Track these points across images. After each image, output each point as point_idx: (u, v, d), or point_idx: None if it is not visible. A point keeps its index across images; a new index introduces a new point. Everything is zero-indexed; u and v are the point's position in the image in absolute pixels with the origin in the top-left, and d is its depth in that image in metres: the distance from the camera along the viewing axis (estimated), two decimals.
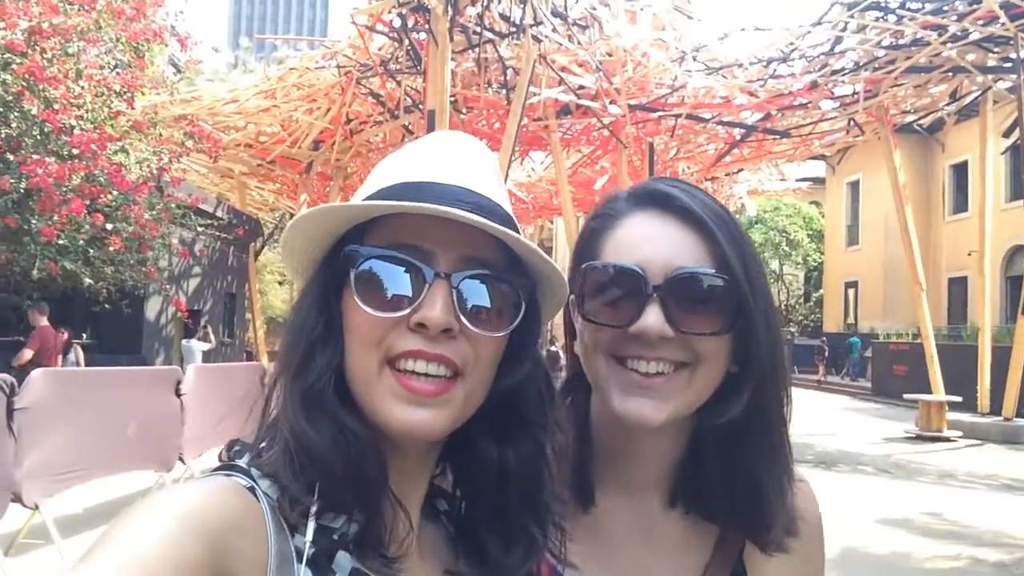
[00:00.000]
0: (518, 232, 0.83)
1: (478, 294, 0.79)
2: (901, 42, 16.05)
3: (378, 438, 0.77)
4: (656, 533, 1.03)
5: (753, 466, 0.96)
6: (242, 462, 0.78)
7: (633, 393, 0.92)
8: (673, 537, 1.02)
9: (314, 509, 0.73)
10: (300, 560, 0.71)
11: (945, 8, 14.92)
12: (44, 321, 10.01)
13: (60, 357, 10.29)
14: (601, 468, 1.03)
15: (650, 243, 0.93)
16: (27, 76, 10.28)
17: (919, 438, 15.62)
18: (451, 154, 0.84)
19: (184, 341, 16.12)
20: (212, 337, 17.00)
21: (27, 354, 9.65)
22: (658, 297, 0.90)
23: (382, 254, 0.78)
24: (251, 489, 0.73)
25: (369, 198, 0.81)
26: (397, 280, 0.77)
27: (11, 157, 10.13)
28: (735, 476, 0.96)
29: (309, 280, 0.84)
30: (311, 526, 0.73)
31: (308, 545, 0.72)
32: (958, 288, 27.89)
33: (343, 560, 0.74)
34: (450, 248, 0.78)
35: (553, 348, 26.64)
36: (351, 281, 0.78)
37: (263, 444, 0.80)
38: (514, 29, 16.35)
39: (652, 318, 0.90)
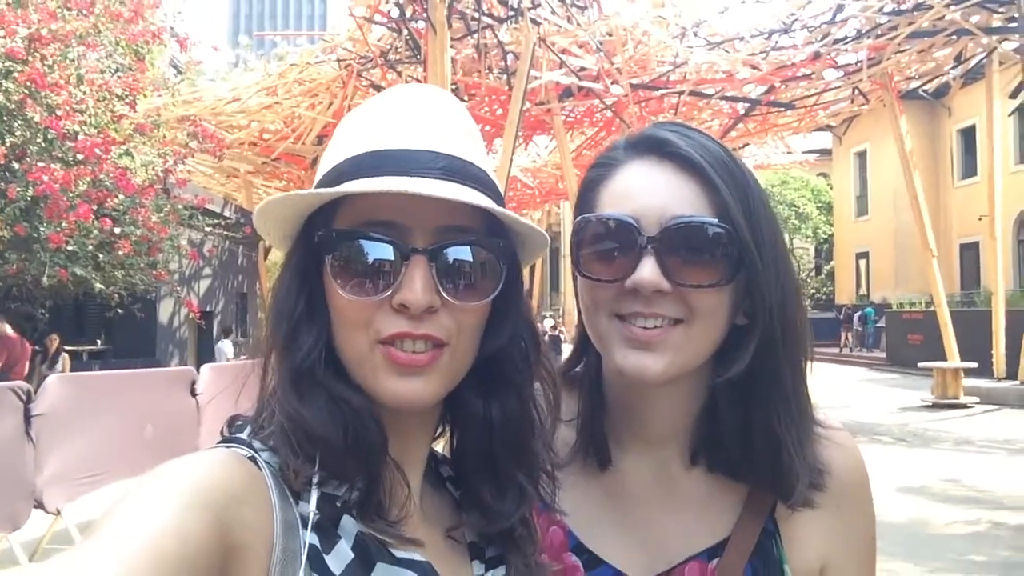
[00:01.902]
0: (495, 186, 0.83)
1: (458, 266, 0.78)
2: (903, 7, 15.88)
3: (374, 405, 0.78)
4: (679, 492, 1.01)
5: (767, 419, 0.93)
6: (243, 435, 0.79)
7: (633, 347, 0.90)
8: (698, 496, 1.01)
9: (316, 479, 0.74)
10: (305, 526, 0.72)
11: None
12: (8, 330, 9.72)
13: (28, 364, 9.94)
14: (617, 426, 1.01)
15: (645, 192, 0.90)
16: (29, 83, 10.31)
17: (935, 406, 15.57)
18: (417, 112, 0.82)
19: (218, 344, 16.21)
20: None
21: None
22: (652, 248, 0.88)
23: (355, 235, 0.77)
24: (252, 459, 0.73)
25: (335, 168, 0.80)
26: (373, 262, 0.76)
27: (16, 165, 10.16)
28: (750, 430, 0.94)
29: (287, 257, 0.84)
30: (315, 494, 0.74)
31: (313, 513, 0.73)
32: (970, 254, 27.69)
33: (348, 524, 0.75)
34: (425, 220, 0.77)
35: (554, 331, 26.59)
36: (327, 267, 0.78)
37: (263, 416, 0.80)
38: (512, 13, 16.26)
39: (647, 271, 0.87)
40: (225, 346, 16.02)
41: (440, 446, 0.94)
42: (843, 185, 35.80)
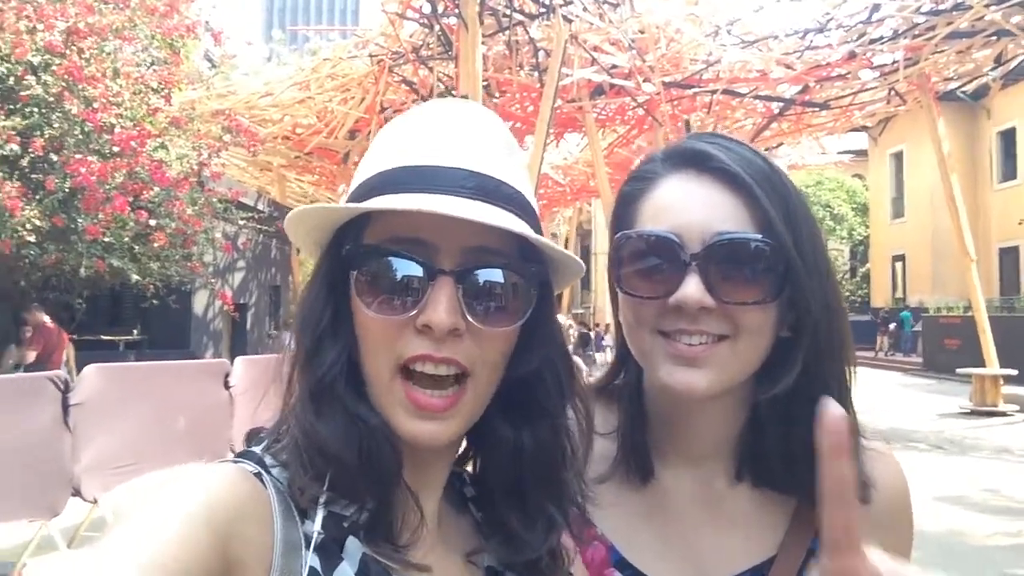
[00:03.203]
0: (531, 207, 0.80)
1: (486, 289, 0.76)
2: (941, 7, 15.60)
3: (391, 428, 0.76)
4: (723, 509, 0.99)
5: (813, 433, 0.91)
6: (257, 449, 0.78)
7: (679, 364, 0.88)
8: (743, 513, 0.99)
9: (323, 499, 0.73)
10: (308, 546, 0.71)
11: None
12: (46, 319, 9.93)
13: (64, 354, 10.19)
14: (659, 441, 1.00)
15: (686, 207, 0.89)
16: (67, 76, 10.46)
17: (974, 413, 15.30)
18: (453, 128, 0.80)
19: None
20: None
21: (30, 355, 9.59)
22: (696, 266, 0.86)
23: (382, 252, 0.75)
24: (258, 476, 0.72)
25: (367, 182, 0.78)
26: (399, 280, 0.74)
27: (55, 157, 10.31)
28: (795, 445, 0.92)
29: (317, 267, 0.82)
30: (320, 513, 0.73)
31: (317, 533, 0.72)
32: (1009, 258, 27.20)
33: (352, 546, 0.74)
34: (454, 239, 0.75)
35: (584, 329, 26.51)
36: (352, 283, 0.76)
37: (281, 429, 0.79)
38: (544, 9, 16.22)
39: (691, 288, 0.86)
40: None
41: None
42: (879, 187, 35.32)
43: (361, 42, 18.89)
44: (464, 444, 0.88)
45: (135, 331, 16.07)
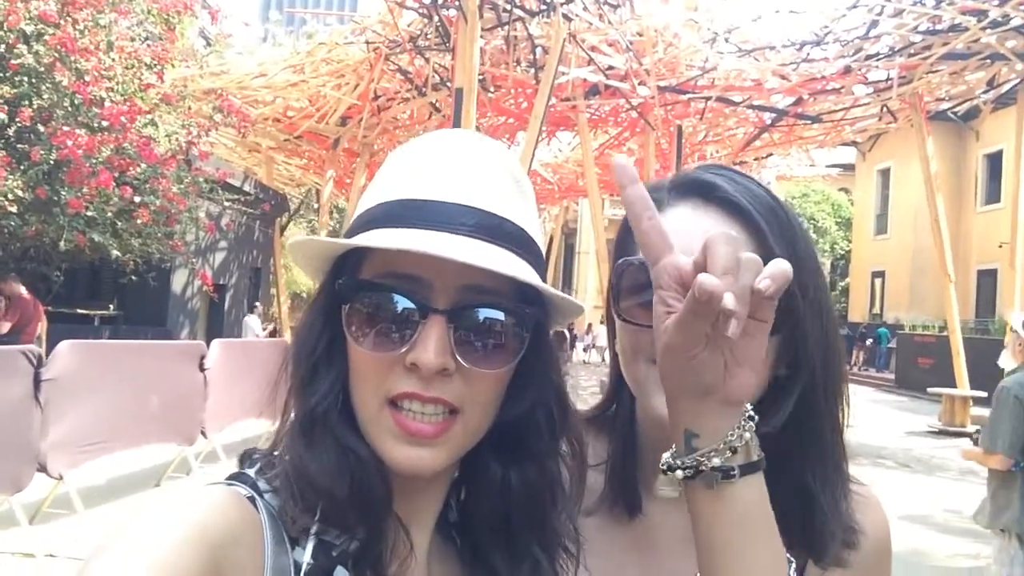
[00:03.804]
0: (533, 244, 0.80)
1: (478, 330, 0.75)
2: (938, 27, 15.71)
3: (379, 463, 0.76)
4: None
5: (803, 476, 0.91)
6: (250, 472, 0.77)
7: None
8: None
9: (314, 529, 0.73)
10: (297, 574, 0.71)
11: None
12: (22, 290, 9.79)
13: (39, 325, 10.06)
14: (648, 475, 0.98)
15: (689, 237, 0.85)
16: (59, 47, 10.34)
17: (942, 433, 15.42)
18: (455, 161, 0.78)
19: (245, 318, 16.25)
20: (264, 329, 17.00)
21: (4, 326, 9.45)
22: None
23: (376, 287, 0.75)
24: (251, 499, 0.72)
25: (367, 212, 0.78)
26: (390, 316, 0.74)
27: (42, 128, 10.21)
28: (784, 487, 0.89)
29: (316, 293, 0.82)
30: (311, 543, 0.73)
31: (307, 563, 0.71)
32: (987, 280, 27.46)
33: None
34: (450, 277, 0.74)
35: (561, 328, 26.83)
36: (343, 316, 0.76)
37: (275, 454, 0.79)
38: (544, 7, 16.20)
39: None
40: (252, 321, 16.01)
41: None
42: (864, 202, 35.56)
43: (358, 28, 18.79)
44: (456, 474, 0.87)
45: (111, 306, 15.95)
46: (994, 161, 27.71)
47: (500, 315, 0.76)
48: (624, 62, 17.73)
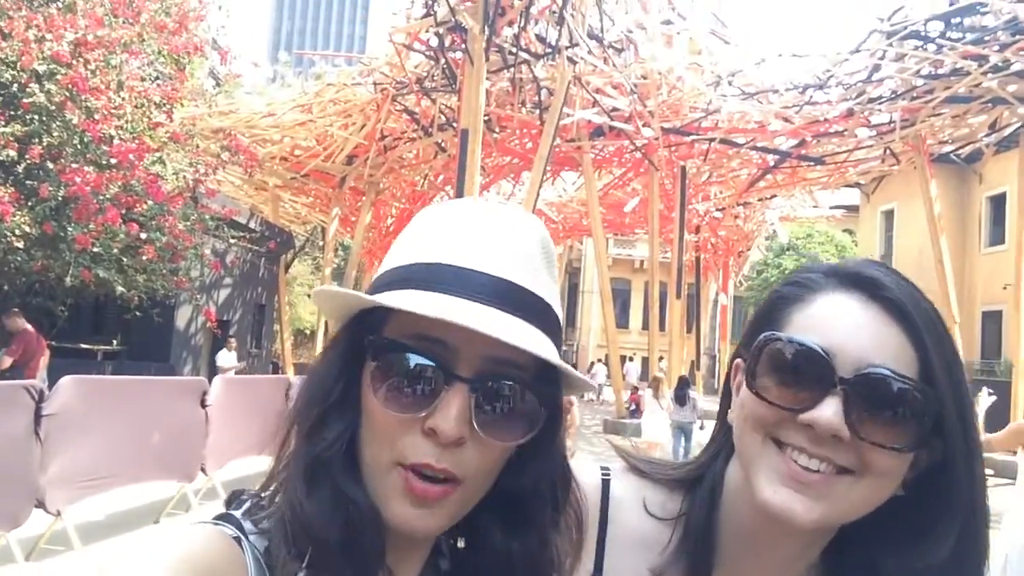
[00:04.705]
0: (555, 318, 0.81)
1: (498, 403, 0.75)
2: (940, 71, 15.88)
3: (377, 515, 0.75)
4: None
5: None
6: (237, 513, 0.77)
7: (787, 484, 0.81)
8: None
9: (302, 575, 0.72)
10: None
11: (986, 38, 14.73)
12: (25, 325, 9.78)
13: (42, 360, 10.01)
14: (721, 547, 0.93)
15: (845, 329, 0.82)
16: (70, 87, 10.51)
17: None
18: (492, 230, 0.79)
19: (218, 354, 16.13)
20: (242, 361, 16.84)
21: (6, 361, 9.43)
22: (842, 391, 0.79)
23: (402, 347, 0.74)
24: (237, 540, 0.72)
25: (394, 271, 0.79)
26: (414, 379, 0.73)
27: (51, 165, 10.33)
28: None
29: (335, 337, 0.82)
30: None
31: None
32: (992, 322, 27.35)
33: None
34: (475, 347, 0.74)
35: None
36: (368, 370, 0.76)
37: (266, 494, 0.79)
38: (550, 50, 16.43)
39: (829, 412, 0.79)
40: (222, 358, 15.82)
41: None
42: (868, 243, 35.57)
43: (366, 70, 19.09)
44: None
45: (115, 341, 15.98)
46: (998, 203, 27.76)
47: (521, 390, 0.76)
48: (628, 104, 17.93)
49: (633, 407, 20.28)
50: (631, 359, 37.28)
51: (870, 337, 0.81)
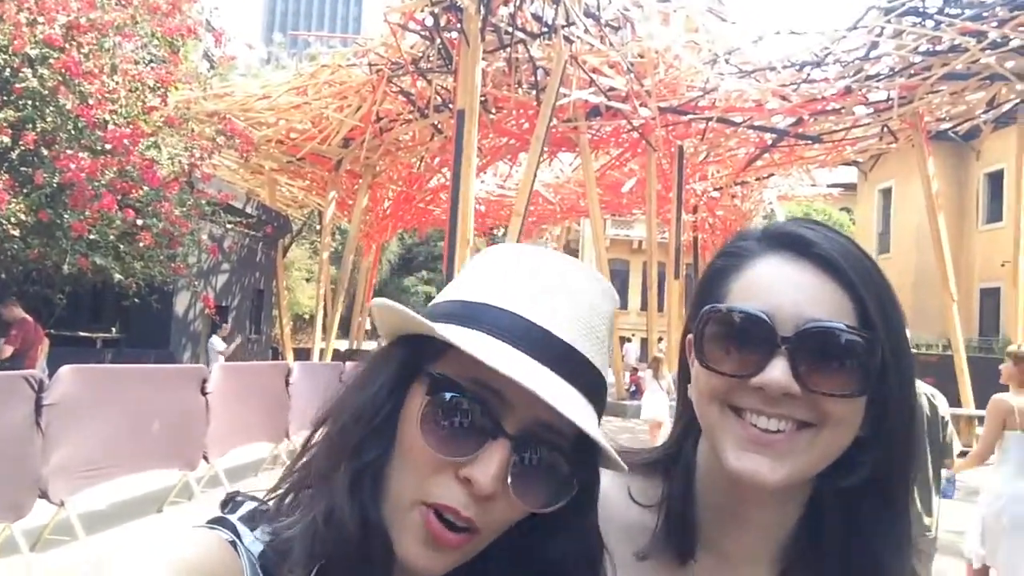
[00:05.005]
0: (604, 391, 0.81)
1: (536, 467, 0.75)
2: (938, 48, 15.79)
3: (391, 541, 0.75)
4: None
5: (874, 543, 0.88)
6: (233, 517, 0.76)
7: (749, 449, 0.84)
8: None
9: None
10: None
11: (985, 14, 14.64)
12: (23, 314, 9.69)
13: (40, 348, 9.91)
14: (705, 523, 0.96)
15: (781, 290, 0.85)
16: (63, 71, 10.40)
17: None
18: (573, 291, 0.79)
19: (210, 338, 16.07)
20: (236, 336, 16.77)
21: (7, 350, 9.33)
22: (786, 350, 0.82)
23: (463, 391, 0.74)
24: (233, 544, 0.72)
25: (464, 302, 0.78)
26: (465, 424, 0.73)
27: (45, 152, 10.25)
28: (853, 553, 0.88)
29: (386, 352, 0.81)
30: None
31: None
32: (990, 299, 27.43)
33: None
34: (529, 407, 0.73)
35: None
36: (419, 406, 0.74)
37: (271, 500, 0.78)
38: (546, 29, 16.31)
39: (777, 372, 0.81)
40: (215, 342, 15.79)
41: None
42: (866, 221, 35.57)
43: (361, 51, 18.92)
44: None
45: (114, 329, 15.95)
46: (995, 180, 27.74)
47: (560, 458, 0.76)
48: (625, 83, 17.83)
49: (633, 388, 20.36)
50: (629, 340, 37.38)
51: (805, 293, 0.84)
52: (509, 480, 0.73)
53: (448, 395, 0.74)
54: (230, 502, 0.80)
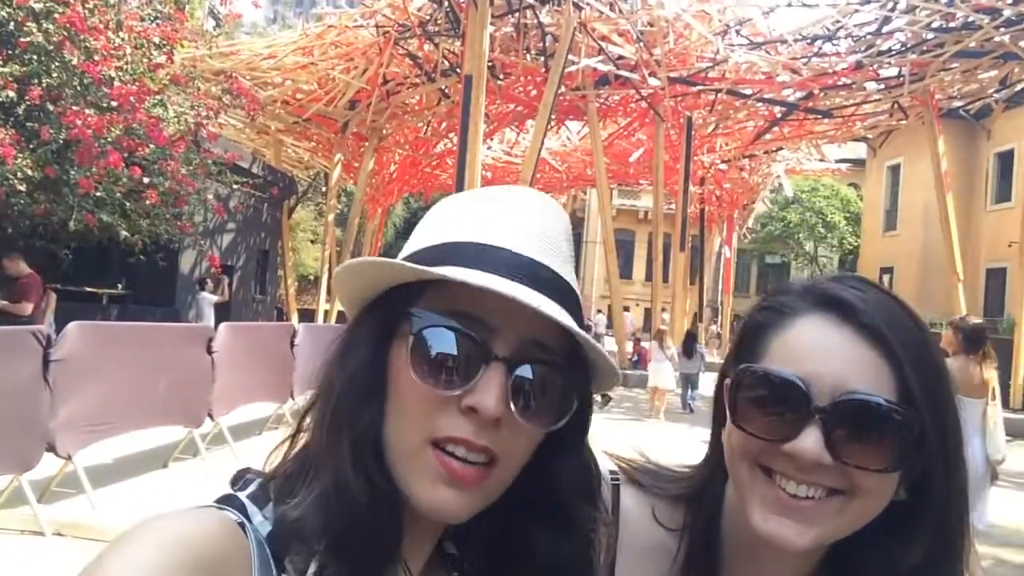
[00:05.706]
0: (580, 306, 0.81)
1: (535, 385, 0.74)
2: (951, 25, 15.62)
3: (400, 502, 0.74)
4: None
5: None
6: (242, 495, 0.75)
7: (777, 512, 0.83)
8: None
9: (314, 568, 0.71)
10: None
11: None
12: (27, 268, 9.47)
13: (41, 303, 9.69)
14: (726, 559, 0.96)
15: (821, 356, 0.83)
16: (68, 26, 10.31)
17: None
18: (527, 215, 0.79)
19: (198, 294, 15.92)
20: (226, 290, 16.59)
21: (27, 307, 9.15)
22: (820, 419, 0.81)
23: (445, 324, 0.73)
24: (241, 524, 0.71)
25: (435, 247, 0.77)
26: (455, 355, 0.72)
27: (51, 107, 10.20)
28: None
29: (358, 320, 0.80)
30: (313, 567, 0.70)
31: None
32: (996, 280, 27.36)
33: None
34: (513, 327, 0.74)
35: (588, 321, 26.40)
36: (408, 346, 0.74)
37: (294, 479, 0.76)
38: None
39: (810, 442, 0.80)
40: (205, 296, 15.62)
41: None
42: (873, 198, 35.38)
43: (368, 12, 18.72)
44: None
45: (120, 285, 15.99)
46: (1005, 160, 27.56)
47: (555, 374, 0.76)
48: (634, 52, 17.67)
49: (636, 358, 20.45)
50: (627, 309, 37.41)
51: (846, 362, 0.82)
52: (512, 405, 0.72)
53: (434, 327, 0.73)
54: (240, 479, 0.79)
